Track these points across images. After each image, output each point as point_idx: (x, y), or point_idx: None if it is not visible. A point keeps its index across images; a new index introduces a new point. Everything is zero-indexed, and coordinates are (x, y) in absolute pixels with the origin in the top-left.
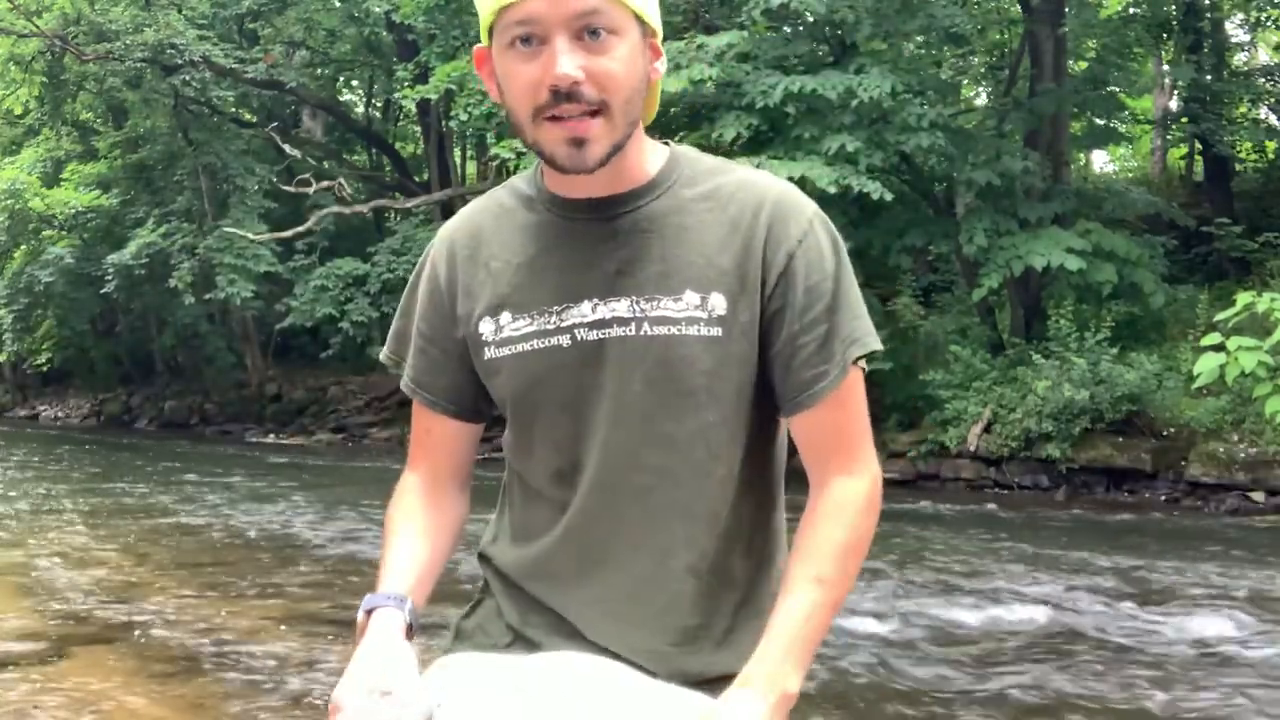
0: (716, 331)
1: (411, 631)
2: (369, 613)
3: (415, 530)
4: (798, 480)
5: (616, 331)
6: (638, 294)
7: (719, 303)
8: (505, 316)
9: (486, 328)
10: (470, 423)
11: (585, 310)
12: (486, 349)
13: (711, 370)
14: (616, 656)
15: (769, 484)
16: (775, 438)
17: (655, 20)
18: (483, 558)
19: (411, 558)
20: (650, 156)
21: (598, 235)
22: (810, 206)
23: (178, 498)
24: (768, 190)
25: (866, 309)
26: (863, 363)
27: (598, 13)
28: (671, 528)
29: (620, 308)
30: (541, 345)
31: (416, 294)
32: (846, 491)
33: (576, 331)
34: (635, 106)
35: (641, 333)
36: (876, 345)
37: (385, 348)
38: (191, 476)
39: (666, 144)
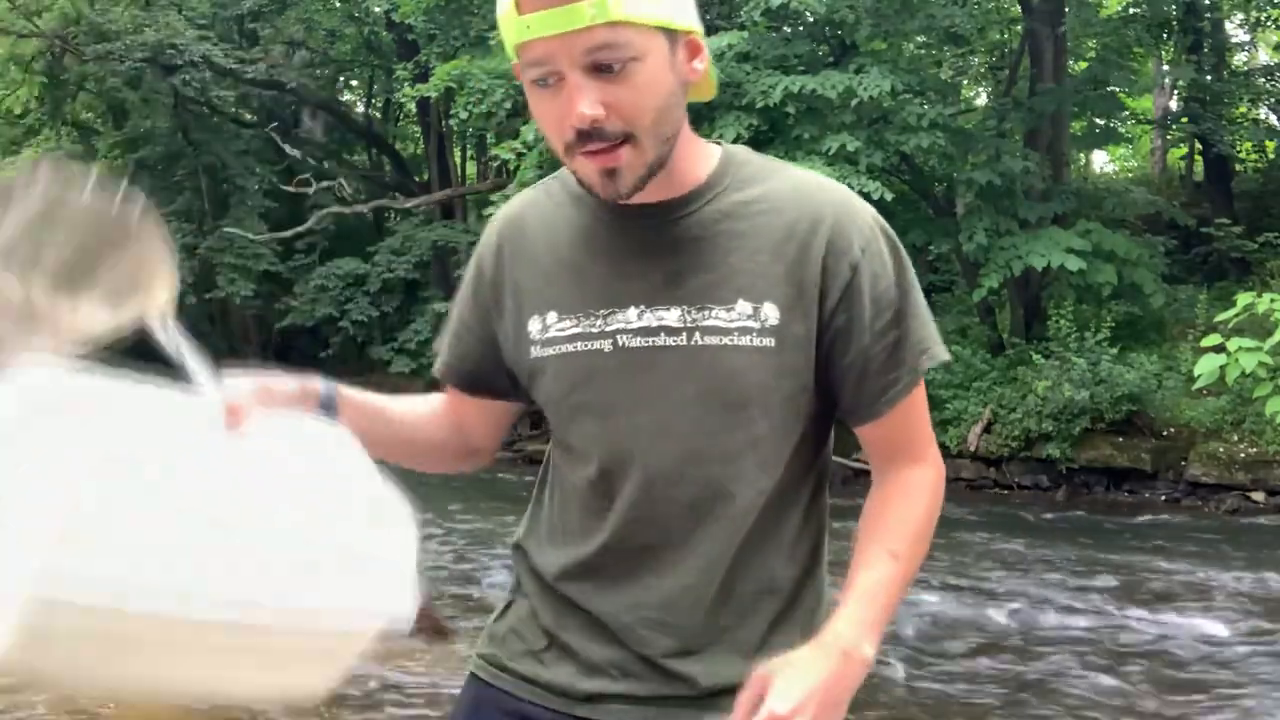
0: (769, 342)
1: (320, 402)
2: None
3: (407, 411)
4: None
5: (665, 340)
6: (688, 303)
7: (771, 312)
8: (551, 316)
9: (534, 326)
10: (504, 401)
11: (631, 316)
12: (533, 348)
13: (763, 382)
14: (650, 662)
15: (815, 492)
16: (824, 447)
17: (686, 20)
18: (517, 549)
19: (385, 403)
20: (701, 159)
21: (647, 241)
22: (868, 213)
23: None
24: (826, 197)
25: (931, 316)
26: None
27: (609, 46)
28: (716, 538)
29: (670, 317)
30: (583, 348)
31: (463, 284)
32: (914, 476)
33: (619, 337)
34: (669, 121)
35: (692, 342)
36: (945, 355)
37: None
38: None
39: (719, 143)
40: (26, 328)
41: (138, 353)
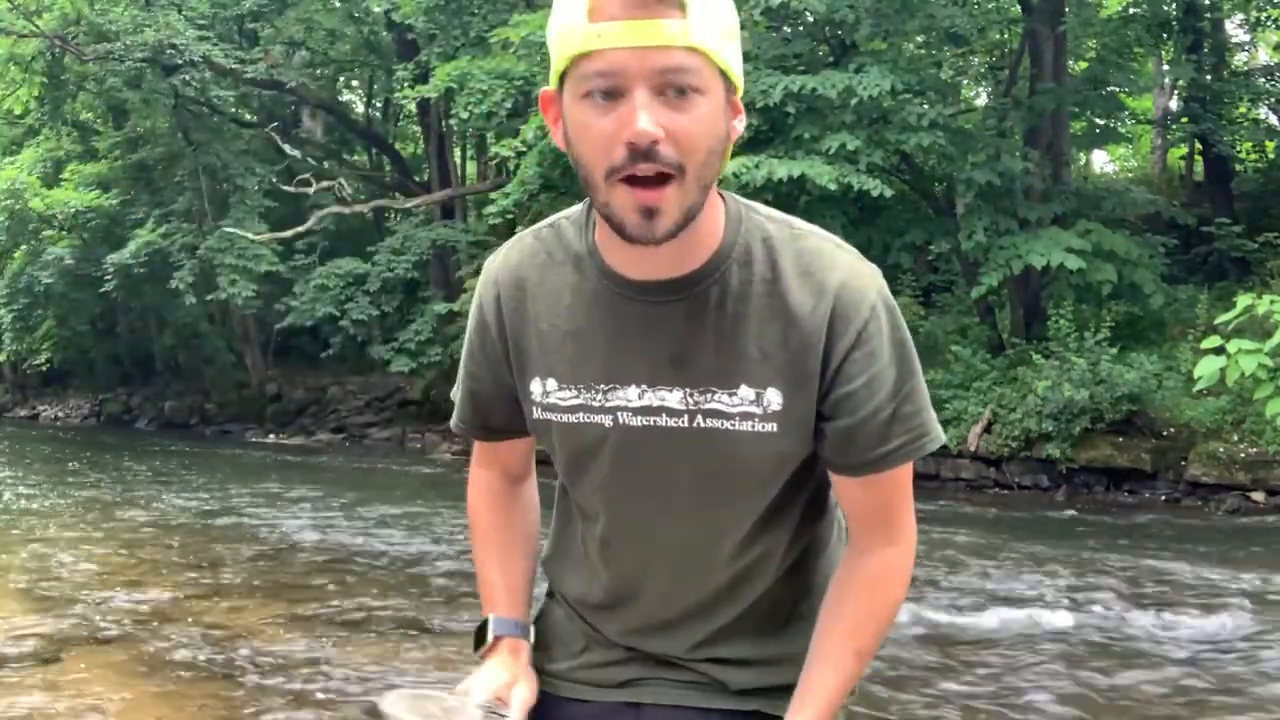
0: (771, 427)
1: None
2: (498, 638)
3: (514, 541)
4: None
5: (665, 421)
6: (691, 386)
7: (774, 398)
8: (551, 383)
9: (535, 388)
10: (530, 435)
11: (631, 395)
12: (535, 409)
13: (764, 466)
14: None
15: (816, 546)
16: (827, 504)
17: (739, 75)
18: (545, 565)
19: (522, 576)
20: (714, 221)
21: (651, 319)
22: (872, 292)
23: (178, 498)
24: (829, 276)
25: (929, 398)
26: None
27: (685, 70)
28: (709, 617)
29: (671, 399)
30: (584, 420)
31: (468, 339)
32: (887, 562)
33: (620, 414)
34: (711, 169)
35: (694, 425)
36: (935, 445)
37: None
38: (191, 477)
39: (721, 196)
40: None
41: None
